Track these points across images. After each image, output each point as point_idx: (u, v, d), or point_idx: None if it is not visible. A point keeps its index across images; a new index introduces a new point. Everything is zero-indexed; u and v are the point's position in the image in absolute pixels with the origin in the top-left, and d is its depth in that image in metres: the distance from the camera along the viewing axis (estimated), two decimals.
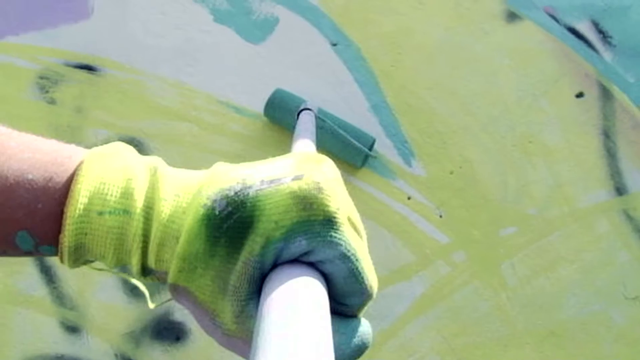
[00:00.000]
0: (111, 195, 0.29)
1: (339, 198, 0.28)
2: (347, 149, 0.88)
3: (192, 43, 0.96)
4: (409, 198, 0.91)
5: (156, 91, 0.95)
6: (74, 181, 0.29)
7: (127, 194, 0.29)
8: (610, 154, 0.92)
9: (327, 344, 0.23)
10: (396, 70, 0.94)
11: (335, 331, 0.29)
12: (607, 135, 0.93)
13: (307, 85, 0.94)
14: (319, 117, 0.84)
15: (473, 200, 0.90)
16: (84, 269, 0.31)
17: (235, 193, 0.28)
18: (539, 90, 0.94)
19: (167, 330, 0.92)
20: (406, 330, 0.90)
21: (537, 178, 0.91)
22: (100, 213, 0.28)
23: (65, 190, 0.29)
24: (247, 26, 0.96)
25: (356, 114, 0.92)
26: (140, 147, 0.94)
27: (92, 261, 0.31)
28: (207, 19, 0.96)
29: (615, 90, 0.93)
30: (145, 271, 0.30)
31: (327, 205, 0.27)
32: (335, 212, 0.28)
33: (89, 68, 0.97)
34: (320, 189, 0.28)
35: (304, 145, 0.59)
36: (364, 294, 0.29)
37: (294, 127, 0.78)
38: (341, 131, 0.86)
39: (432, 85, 0.94)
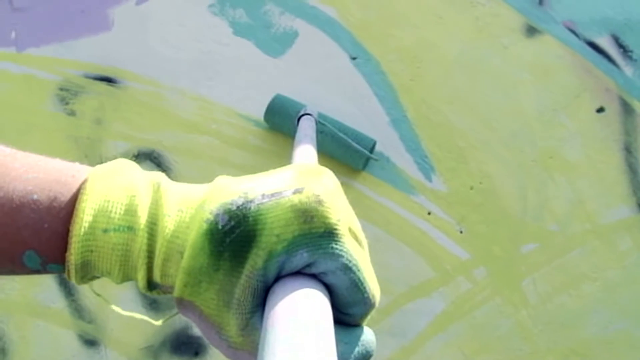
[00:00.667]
0: (115, 212, 0.29)
1: (339, 210, 0.28)
2: (349, 153, 0.87)
3: (212, 56, 0.95)
4: (429, 213, 0.89)
5: (176, 104, 0.93)
6: (78, 200, 0.29)
7: (130, 211, 0.29)
8: (632, 170, 0.90)
9: (331, 354, 0.23)
10: (416, 84, 0.92)
11: (339, 340, 0.29)
12: (629, 150, 0.91)
13: (326, 99, 0.92)
14: (320, 122, 0.83)
15: (493, 216, 0.88)
16: (102, 282, 0.32)
17: (238, 207, 0.28)
18: (560, 105, 0.92)
19: (185, 345, 0.90)
20: (426, 347, 0.88)
21: (558, 194, 0.89)
22: (105, 230, 0.29)
23: (70, 209, 0.29)
24: (266, 39, 0.94)
25: (376, 128, 0.90)
26: (160, 160, 0.93)
27: (98, 277, 0.31)
28: (227, 32, 0.95)
29: (637, 105, 0.91)
30: (151, 286, 0.30)
31: (327, 218, 0.28)
32: (336, 224, 0.28)
33: (108, 80, 0.95)
34: (320, 202, 0.28)
35: (305, 152, 0.58)
36: (367, 304, 0.30)
37: (294, 133, 0.76)
38: (342, 135, 0.85)
39: (452, 99, 0.92)
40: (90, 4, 0.98)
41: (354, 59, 0.95)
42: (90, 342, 0.89)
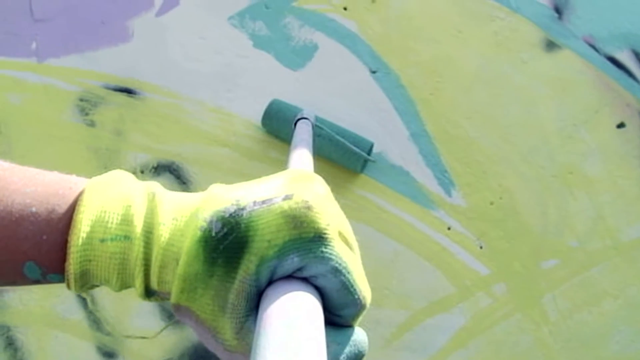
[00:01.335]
0: (112, 222, 0.30)
1: (328, 215, 0.29)
2: (346, 155, 0.88)
3: (232, 68, 0.93)
4: (449, 228, 0.88)
5: (195, 116, 0.92)
6: (75, 211, 0.30)
7: (126, 221, 0.30)
8: None
9: (321, 355, 0.24)
10: (435, 98, 0.91)
11: (331, 341, 0.30)
12: None
13: (346, 113, 0.91)
14: (317, 125, 0.84)
15: (513, 232, 0.87)
16: (122, 294, 0.32)
17: (230, 215, 0.29)
18: (579, 121, 0.90)
19: (203, 359, 0.88)
20: None
21: (578, 210, 0.88)
22: (103, 240, 0.29)
23: (67, 220, 0.30)
24: (286, 52, 0.93)
25: (396, 142, 0.89)
26: (179, 172, 0.91)
27: (97, 286, 0.32)
28: (247, 44, 0.94)
29: None
30: (149, 293, 0.31)
31: (316, 223, 0.28)
32: (325, 229, 0.28)
33: (128, 91, 0.94)
34: (309, 207, 0.28)
35: (301, 156, 0.58)
36: (357, 305, 0.30)
37: (291, 137, 0.75)
38: (339, 137, 0.86)
39: (471, 114, 0.91)
40: (110, 15, 0.98)
41: (373, 72, 0.94)
42: (109, 354, 0.88)
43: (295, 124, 0.79)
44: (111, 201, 0.30)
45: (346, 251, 0.29)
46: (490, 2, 0.95)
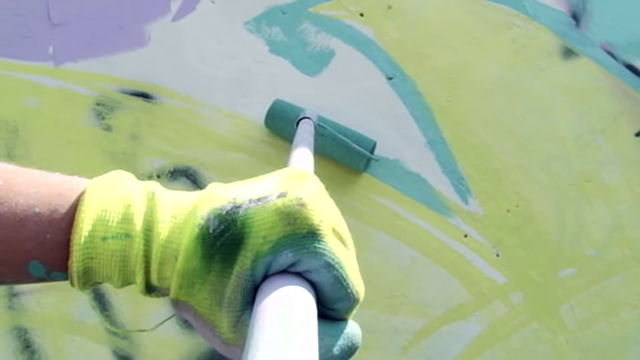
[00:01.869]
0: (112, 221, 0.30)
1: (321, 211, 0.30)
2: (349, 154, 0.88)
3: (248, 73, 0.93)
4: (465, 236, 0.87)
5: (212, 121, 0.92)
6: (77, 211, 0.31)
7: (127, 219, 0.30)
8: None
9: (312, 346, 0.24)
10: (452, 105, 0.90)
11: (325, 334, 0.31)
12: None
13: (362, 119, 0.90)
14: (320, 125, 0.84)
15: (530, 240, 0.86)
16: (137, 298, 0.30)
17: (227, 212, 0.29)
18: (597, 129, 0.89)
19: None
20: None
21: (596, 218, 0.87)
22: (104, 238, 0.30)
23: (70, 220, 0.31)
24: (302, 58, 0.92)
25: (412, 149, 0.88)
26: (195, 177, 0.91)
27: (100, 283, 0.32)
28: (263, 49, 0.93)
29: None
30: (149, 289, 0.32)
31: (309, 219, 0.29)
32: (319, 225, 0.29)
33: (144, 96, 0.94)
34: (303, 204, 0.29)
35: (301, 155, 0.58)
36: (351, 299, 0.31)
37: (293, 137, 0.74)
38: (342, 137, 0.86)
39: (488, 121, 0.90)
40: (127, 20, 0.97)
41: (390, 79, 0.93)
42: (125, 358, 0.88)
43: (297, 124, 0.79)
44: (112, 200, 0.31)
45: (339, 247, 0.30)
46: (507, 9, 0.94)
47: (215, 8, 0.97)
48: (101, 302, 0.89)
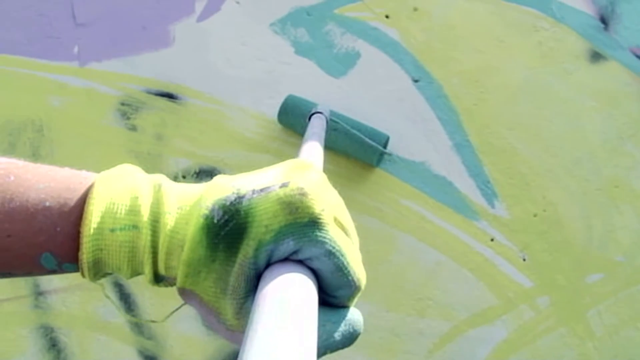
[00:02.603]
0: (120, 213, 0.31)
1: (323, 201, 0.30)
2: (362, 149, 0.88)
3: (273, 75, 0.92)
4: (492, 240, 0.86)
5: (237, 122, 0.91)
6: (86, 204, 0.31)
7: (134, 211, 0.31)
8: None
9: (311, 331, 0.25)
10: (478, 109, 0.89)
11: (326, 320, 0.31)
12: None
13: (388, 121, 0.89)
14: (332, 120, 0.84)
15: (557, 245, 0.84)
16: (164, 298, 0.30)
17: (231, 202, 0.30)
18: (625, 134, 0.88)
19: None
20: None
21: (624, 224, 0.85)
22: (112, 230, 0.31)
23: (79, 212, 0.32)
24: (328, 59, 0.91)
25: (438, 152, 0.87)
26: None
27: (110, 274, 0.33)
28: (288, 50, 0.92)
29: None
30: (157, 278, 0.32)
31: (311, 208, 0.30)
32: (320, 214, 0.30)
33: (169, 96, 0.93)
34: (304, 194, 0.30)
35: (311, 149, 0.59)
36: (352, 286, 0.32)
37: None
38: (355, 131, 0.86)
39: (515, 125, 0.88)
40: (151, 20, 0.96)
41: (416, 81, 0.92)
42: (150, 358, 0.87)
43: (309, 119, 0.78)
44: (119, 193, 0.32)
45: (341, 235, 0.31)
46: (534, 12, 0.93)
47: (240, 9, 0.95)
48: (127, 302, 0.89)
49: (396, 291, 0.90)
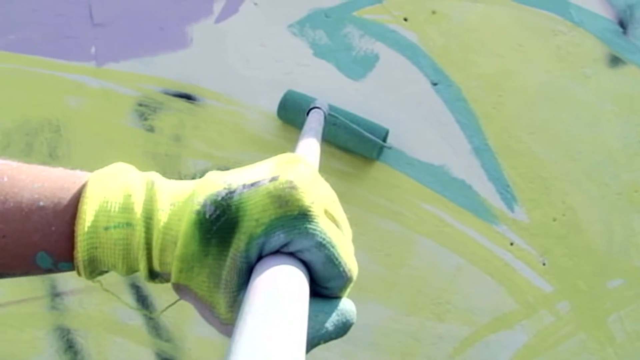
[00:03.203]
0: (114, 211, 0.31)
1: (312, 193, 0.30)
2: (362, 143, 0.87)
3: (292, 76, 0.90)
4: (511, 244, 0.84)
5: (255, 123, 0.89)
6: (80, 202, 0.31)
7: (128, 209, 0.31)
8: None
9: (301, 320, 0.25)
10: (497, 112, 0.87)
11: (319, 310, 0.31)
12: None
13: (407, 124, 0.88)
14: (331, 114, 0.84)
15: (577, 250, 0.83)
16: (182, 303, 0.33)
17: (222, 198, 0.30)
18: None
19: None
20: None
21: None
22: (107, 228, 0.31)
23: (73, 211, 0.31)
24: (347, 62, 0.89)
25: (458, 155, 0.86)
26: None
27: (106, 271, 0.33)
28: (307, 52, 0.91)
29: None
30: (152, 275, 0.32)
31: (300, 201, 0.30)
32: (309, 206, 0.30)
33: (187, 97, 0.91)
34: (293, 187, 0.30)
35: (307, 144, 0.58)
36: (344, 277, 0.32)
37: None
38: (354, 126, 0.85)
39: (534, 129, 0.87)
40: (169, 21, 0.95)
41: (434, 84, 0.90)
42: None
43: (308, 114, 0.78)
44: (113, 191, 0.32)
45: (331, 227, 0.31)
46: (552, 16, 0.91)
47: (258, 10, 0.94)
48: (144, 304, 0.87)
49: (416, 295, 0.89)
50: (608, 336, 0.86)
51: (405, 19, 0.93)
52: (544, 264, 0.88)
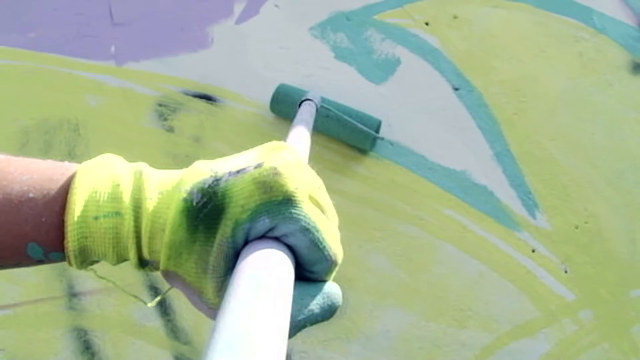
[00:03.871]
0: (103, 200, 0.31)
1: (297, 179, 0.31)
2: (355, 134, 0.86)
3: (312, 79, 0.88)
4: (533, 251, 0.82)
5: (275, 126, 0.87)
6: (69, 193, 0.31)
7: (116, 198, 0.31)
8: None
9: (284, 302, 0.25)
10: (519, 118, 0.85)
11: (304, 294, 0.32)
12: None
13: (428, 129, 0.85)
14: (324, 106, 0.83)
15: (600, 258, 0.80)
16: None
17: (209, 185, 0.30)
18: None
19: None
20: None
21: None
22: (96, 217, 0.31)
23: (62, 202, 0.32)
24: (368, 65, 0.87)
25: (479, 161, 0.84)
26: None
27: (97, 261, 0.33)
28: (328, 55, 0.89)
29: None
30: (142, 263, 0.33)
31: (284, 186, 0.30)
32: (293, 192, 0.30)
33: (207, 98, 0.89)
34: (277, 173, 0.30)
35: (297, 135, 0.58)
36: (328, 261, 0.32)
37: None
38: (347, 117, 0.84)
39: (556, 135, 0.85)
40: (190, 21, 0.92)
41: (456, 89, 0.88)
42: None
43: (299, 106, 0.77)
44: (101, 181, 0.32)
45: (315, 212, 0.31)
46: (574, 23, 0.89)
47: (279, 12, 0.92)
48: (163, 306, 0.84)
49: (437, 301, 0.86)
50: (632, 346, 0.84)
51: (427, 23, 0.91)
52: (565, 272, 0.85)
